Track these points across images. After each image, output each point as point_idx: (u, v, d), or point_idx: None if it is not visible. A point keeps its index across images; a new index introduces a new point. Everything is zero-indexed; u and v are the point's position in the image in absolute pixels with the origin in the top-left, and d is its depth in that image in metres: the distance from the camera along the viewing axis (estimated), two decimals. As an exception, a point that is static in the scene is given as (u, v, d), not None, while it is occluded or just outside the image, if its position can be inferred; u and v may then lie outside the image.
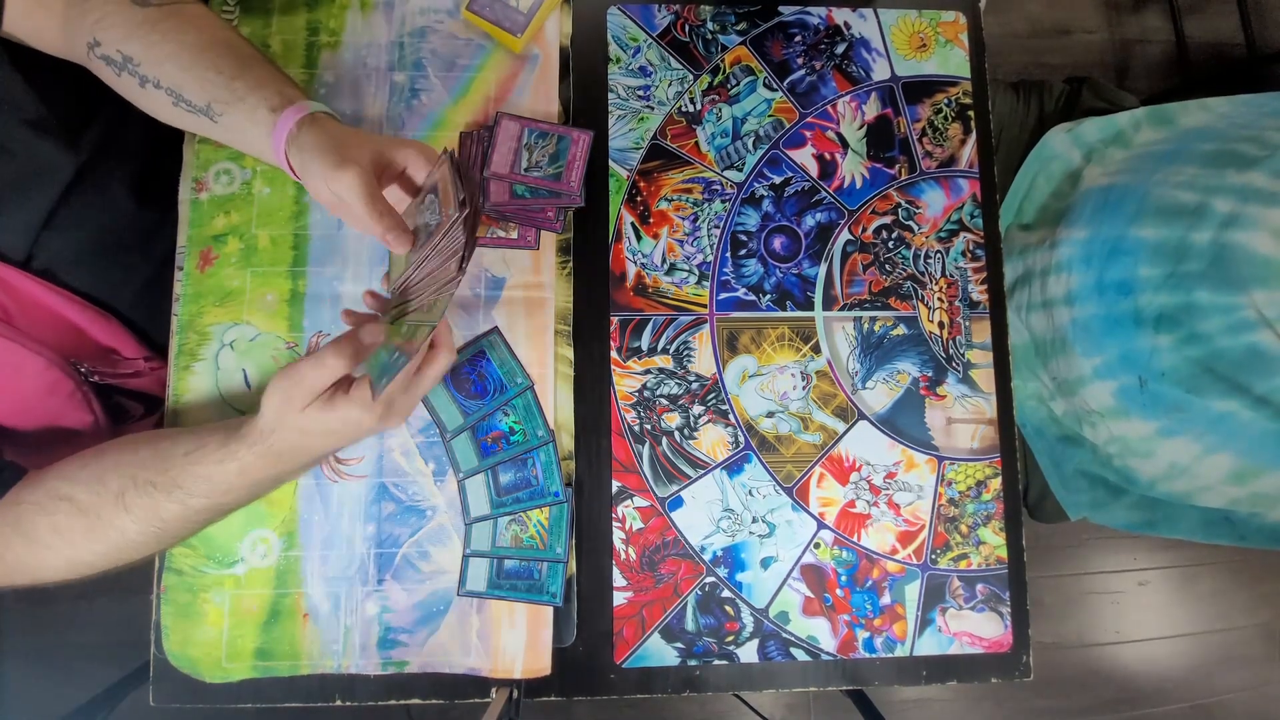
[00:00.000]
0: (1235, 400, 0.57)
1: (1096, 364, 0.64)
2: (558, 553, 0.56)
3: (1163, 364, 0.60)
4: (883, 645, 0.58)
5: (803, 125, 0.64)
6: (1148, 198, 0.62)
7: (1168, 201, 0.61)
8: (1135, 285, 0.61)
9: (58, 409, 0.57)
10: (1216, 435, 0.60)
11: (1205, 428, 0.60)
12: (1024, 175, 0.75)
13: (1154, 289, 0.60)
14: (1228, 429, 0.59)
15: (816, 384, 0.61)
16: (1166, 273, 0.59)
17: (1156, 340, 0.60)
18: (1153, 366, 0.60)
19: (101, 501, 0.46)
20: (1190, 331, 0.58)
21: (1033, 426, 0.72)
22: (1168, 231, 0.60)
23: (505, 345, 0.58)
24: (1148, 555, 1.32)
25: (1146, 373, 0.61)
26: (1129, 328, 0.61)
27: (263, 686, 0.54)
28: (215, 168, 0.59)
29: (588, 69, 0.64)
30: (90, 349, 0.60)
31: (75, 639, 1.17)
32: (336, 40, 0.61)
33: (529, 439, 0.57)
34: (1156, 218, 0.61)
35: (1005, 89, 0.80)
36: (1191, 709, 1.28)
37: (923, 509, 0.60)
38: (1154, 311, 0.60)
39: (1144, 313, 0.60)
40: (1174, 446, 0.63)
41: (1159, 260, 0.60)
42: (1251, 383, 0.56)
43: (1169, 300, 0.59)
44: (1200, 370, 0.58)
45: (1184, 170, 0.62)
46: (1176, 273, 0.59)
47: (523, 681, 0.55)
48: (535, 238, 0.60)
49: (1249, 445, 0.59)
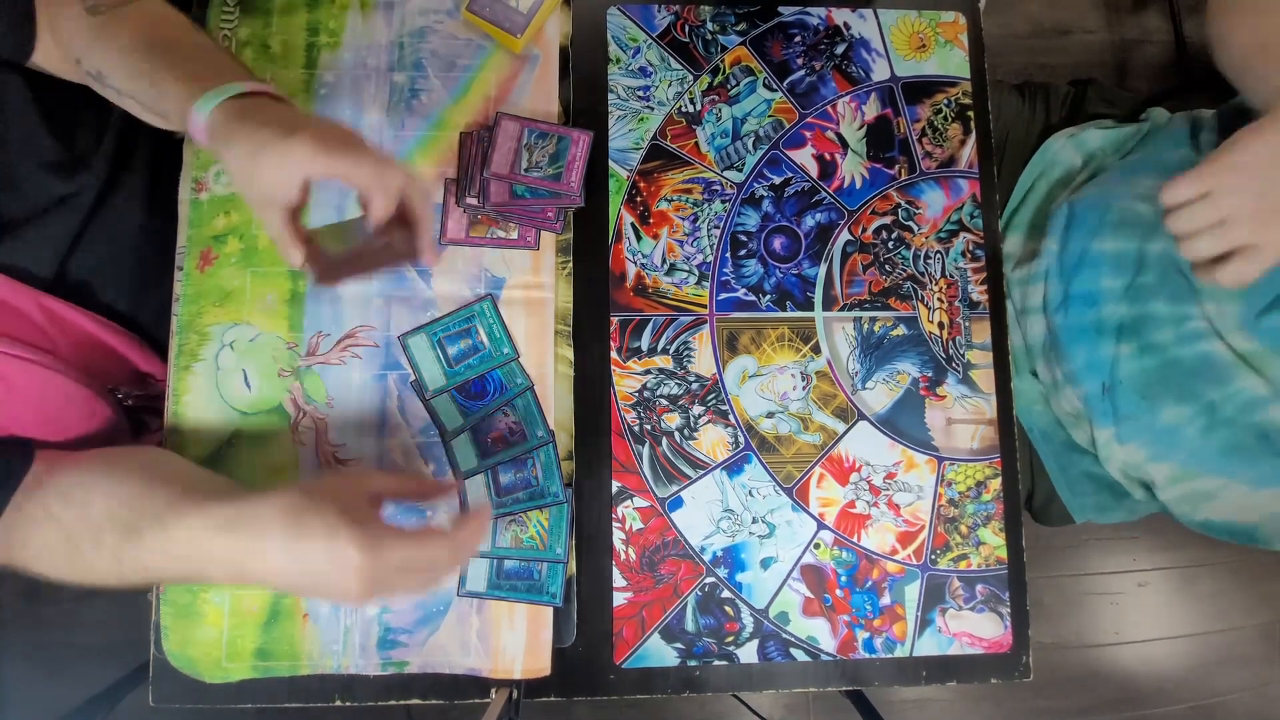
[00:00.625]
0: (1186, 408, 0.59)
1: (1068, 370, 0.66)
2: (557, 553, 0.56)
3: (1121, 372, 0.62)
4: (882, 646, 0.58)
5: (802, 126, 0.64)
6: (1110, 210, 0.63)
7: (1127, 213, 0.62)
8: (1099, 297, 0.62)
9: (92, 432, 0.57)
10: (1161, 444, 0.62)
11: (1152, 436, 0.62)
12: (1024, 181, 0.75)
13: (1115, 300, 0.61)
14: (1173, 439, 0.61)
15: (816, 384, 0.61)
16: (1126, 284, 0.61)
17: (1118, 349, 0.62)
18: (1114, 374, 0.62)
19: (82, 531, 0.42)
20: (1147, 341, 0.60)
21: (1039, 430, 0.72)
22: (1125, 244, 0.61)
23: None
24: (1147, 556, 1.32)
25: (1109, 380, 0.63)
26: (1093, 337, 0.63)
27: (262, 687, 0.54)
28: (215, 168, 0.59)
29: (588, 69, 0.64)
30: (127, 374, 0.61)
31: (75, 639, 1.17)
32: (336, 40, 0.61)
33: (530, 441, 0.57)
34: (1116, 230, 0.62)
35: (1010, 91, 0.80)
36: (1191, 710, 1.28)
37: (922, 509, 0.60)
38: (1115, 322, 0.62)
39: (1106, 323, 0.62)
40: (1126, 452, 0.65)
41: (1119, 272, 0.61)
42: (1201, 391, 0.58)
43: (1128, 311, 0.61)
44: (1155, 379, 0.60)
45: (1142, 181, 0.63)
46: (1135, 284, 0.60)
47: (522, 682, 0.55)
48: (535, 238, 0.60)
49: (1188, 454, 0.61)
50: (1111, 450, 0.66)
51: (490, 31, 0.61)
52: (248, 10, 0.61)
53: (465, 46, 0.62)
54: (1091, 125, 0.75)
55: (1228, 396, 0.57)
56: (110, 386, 0.59)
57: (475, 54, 0.62)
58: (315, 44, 0.61)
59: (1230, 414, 0.58)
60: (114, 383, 0.60)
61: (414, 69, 0.61)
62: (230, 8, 0.61)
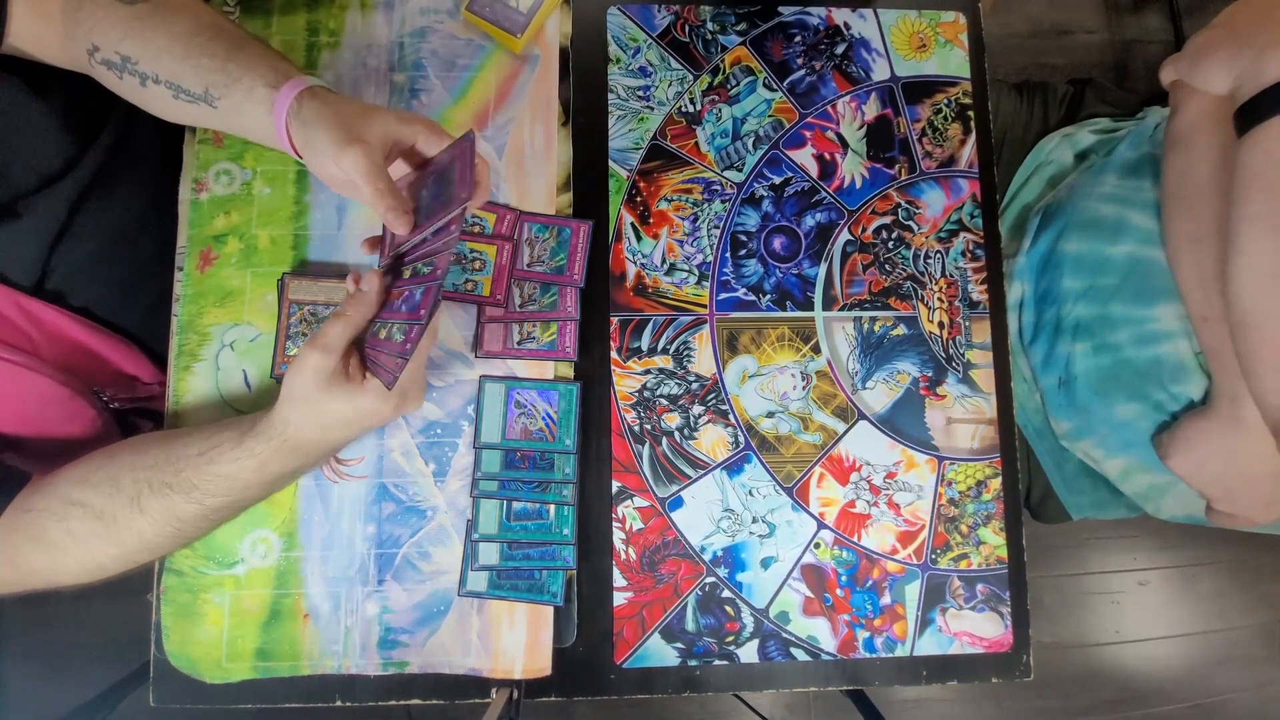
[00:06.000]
0: (1136, 405, 0.60)
1: (1034, 366, 0.68)
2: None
3: (1076, 369, 0.63)
4: (883, 645, 0.58)
5: (802, 125, 0.64)
6: (1075, 211, 0.64)
7: (1090, 215, 0.63)
8: (1061, 296, 0.64)
9: (77, 434, 0.58)
10: (1115, 439, 0.63)
11: (1109, 431, 0.63)
12: (1017, 180, 0.75)
13: (1074, 300, 0.63)
14: (1126, 435, 0.62)
15: (816, 384, 0.61)
16: (1086, 285, 0.62)
17: (1073, 347, 0.63)
18: (1069, 370, 0.64)
19: (116, 505, 0.46)
20: (1102, 341, 0.61)
21: (1034, 428, 0.72)
22: (1088, 245, 0.63)
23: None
24: (1147, 555, 1.32)
25: (1065, 375, 0.64)
26: (1051, 333, 0.65)
27: (263, 687, 0.54)
28: (215, 168, 0.59)
29: (588, 69, 0.64)
30: (111, 375, 0.61)
31: (75, 639, 1.18)
32: (336, 40, 0.61)
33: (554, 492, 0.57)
34: (1080, 231, 0.63)
35: (1009, 91, 0.80)
36: (1191, 709, 1.28)
37: (923, 509, 0.60)
38: (1073, 321, 0.63)
39: (1065, 321, 0.64)
40: (1084, 447, 0.67)
41: (1079, 273, 0.63)
42: (1149, 391, 0.59)
43: (1086, 311, 0.62)
44: (1108, 376, 0.61)
45: (1107, 181, 0.64)
46: (1095, 286, 0.62)
47: (523, 682, 0.55)
48: (573, 343, 0.59)
49: (1141, 450, 0.62)
50: (1072, 445, 0.67)
51: (490, 31, 0.61)
52: (248, 10, 0.61)
53: (465, 46, 0.62)
54: (1087, 124, 0.75)
55: (1173, 396, 0.59)
56: (95, 389, 0.59)
57: (475, 54, 0.62)
58: (315, 44, 0.61)
59: (1176, 412, 0.59)
60: (98, 385, 0.60)
61: (414, 69, 0.61)
62: (230, 7, 0.61)
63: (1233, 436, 0.54)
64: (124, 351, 0.60)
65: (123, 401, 0.62)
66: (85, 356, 0.58)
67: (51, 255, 0.54)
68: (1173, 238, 0.56)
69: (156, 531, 0.46)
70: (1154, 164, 0.61)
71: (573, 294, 0.59)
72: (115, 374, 0.61)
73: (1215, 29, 0.51)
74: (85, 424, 0.58)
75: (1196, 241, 0.53)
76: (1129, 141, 0.66)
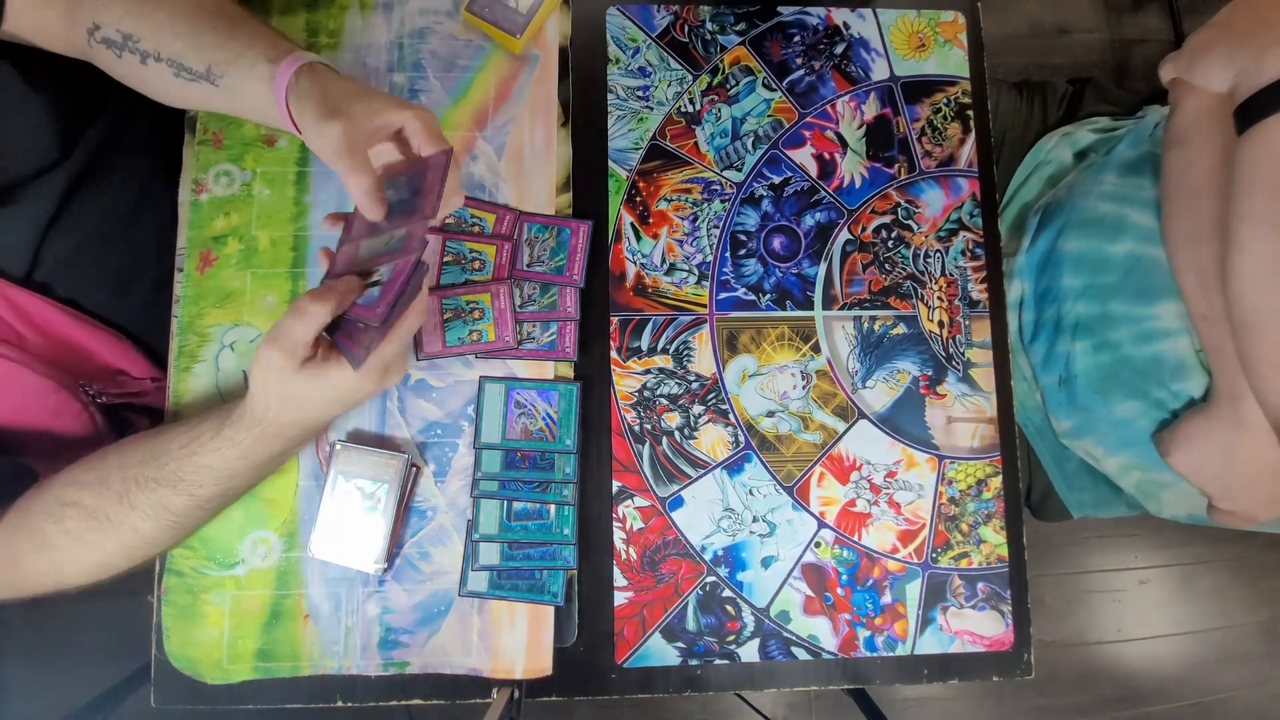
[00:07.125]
0: (1136, 403, 0.60)
1: (1034, 364, 0.68)
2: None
3: (1076, 367, 0.63)
4: (884, 644, 0.58)
5: (802, 125, 0.64)
6: (1075, 209, 0.65)
7: (1090, 213, 0.63)
8: (1061, 294, 0.64)
9: (64, 428, 0.57)
10: (1116, 437, 0.63)
11: (1109, 429, 0.63)
12: (1016, 178, 0.75)
13: (1074, 298, 0.63)
14: (1126, 433, 0.62)
15: (816, 383, 0.61)
16: (1086, 283, 0.62)
17: (1073, 345, 0.63)
18: (1070, 369, 0.64)
19: (107, 503, 0.46)
20: (1102, 339, 0.61)
21: (1034, 427, 0.72)
22: (1088, 243, 0.62)
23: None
24: (1148, 554, 1.32)
25: (1066, 373, 0.64)
26: (1052, 332, 0.65)
27: (264, 687, 0.54)
28: (215, 169, 0.59)
29: (587, 69, 0.64)
30: (99, 370, 0.61)
31: (76, 640, 1.18)
32: (336, 41, 0.61)
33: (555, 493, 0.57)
34: (1080, 230, 0.63)
35: (1008, 90, 0.80)
36: (1192, 707, 1.28)
37: (923, 508, 0.60)
38: (1073, 319, 0.63)
39: (1065, 320, 0.64)
40: (1084, 445, 0.67)
41: (1079, 271, 0.63)
42: (1149, 389, 0.59)
43: (1086, 309, 0.62)
44: (1108, 374, 0.61)
45: (1106, 179, 0.64)
46: (1094, 284, 0.62)
47: (524, 682, 0.55)
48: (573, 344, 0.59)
49: (1140, 447, 0.62)
50: (1073, 443, 0.67)
51: (490, 32, 0.61)
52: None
53: (465, 47, 0.62)
54: (1086, 123, 0.75)
55: (1174, 394, 0.59)
56: (82, 383, 0.59)
57: (475, 54, 0.62)
58: (315, 44, 0.61)
59: (1177, 410, 0.59)
60: (85, 379, 0.59)
61: (413, 69, 0.61)
62: (229, 9, 0.61)
63: (1233, 434, 0.54)
64: (112, 345, 0.60)
65: (111, 396, 0.62)
66: (72, 350, 0.58)
67: (42, 244, 0.54)
68: (1172, 236, 0.56)
69: (152, 525, 0.47)
70: (1154, 162, 0.61)
71: (572, 294, 0.59)
72: (102, 368, 0.61)
73: (1214, 27, 0.51)
74: (71, 419, 0.57)
75: (1196, 239, 0.53)
76: (1128, 140, 0.66)
